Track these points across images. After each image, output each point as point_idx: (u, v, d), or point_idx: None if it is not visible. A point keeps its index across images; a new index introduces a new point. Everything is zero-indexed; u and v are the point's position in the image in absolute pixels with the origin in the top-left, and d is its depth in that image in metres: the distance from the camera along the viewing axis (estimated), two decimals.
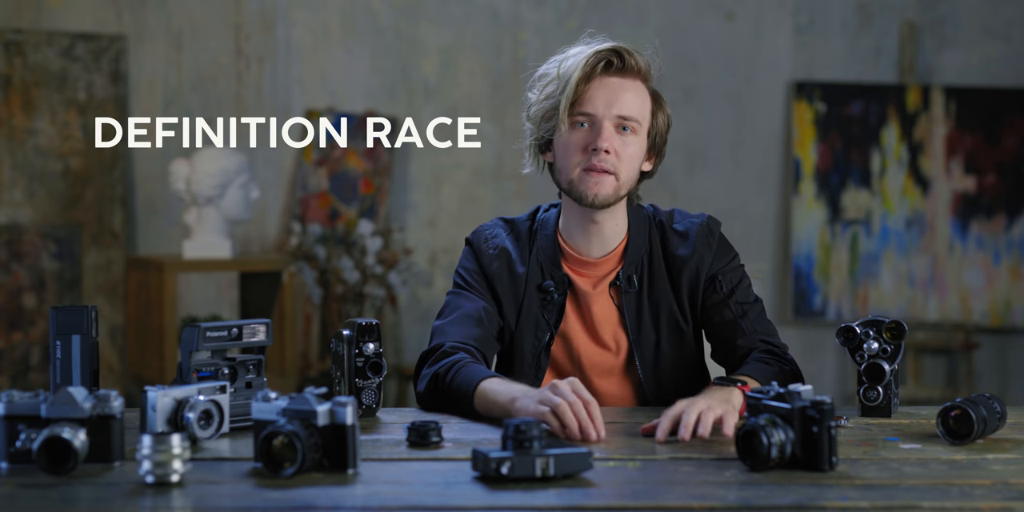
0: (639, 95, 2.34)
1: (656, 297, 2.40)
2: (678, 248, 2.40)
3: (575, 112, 2.32)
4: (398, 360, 5.49)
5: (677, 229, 2.42)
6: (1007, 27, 5.82)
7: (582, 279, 2.40)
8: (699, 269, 2.39)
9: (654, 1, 5.71)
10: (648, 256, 2.41)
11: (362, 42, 5.64)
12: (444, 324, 2.35)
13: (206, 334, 2.07)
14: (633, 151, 2.34)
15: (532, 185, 5.63)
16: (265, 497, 1.64)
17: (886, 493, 1.65)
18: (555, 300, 2.39)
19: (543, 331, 2.39)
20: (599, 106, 2.31)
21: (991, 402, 2.01)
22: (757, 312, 2.41)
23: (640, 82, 2.35)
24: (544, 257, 2.41)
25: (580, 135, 2.33)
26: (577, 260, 2.41)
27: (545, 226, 2.44)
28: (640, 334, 2.38)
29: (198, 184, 4.77)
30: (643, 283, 2.40)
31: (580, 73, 2.30)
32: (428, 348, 2.31)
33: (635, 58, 2.33)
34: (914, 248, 5.78)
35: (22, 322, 5.24)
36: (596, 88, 2.32)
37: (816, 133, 5.77)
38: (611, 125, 2.31)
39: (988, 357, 5.83)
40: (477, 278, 2.41)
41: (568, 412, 1.94)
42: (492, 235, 2.45)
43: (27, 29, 5.31)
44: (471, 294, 2.39)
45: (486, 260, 2.42)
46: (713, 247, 2.40)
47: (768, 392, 1.82)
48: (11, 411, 1.79)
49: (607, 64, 2.32)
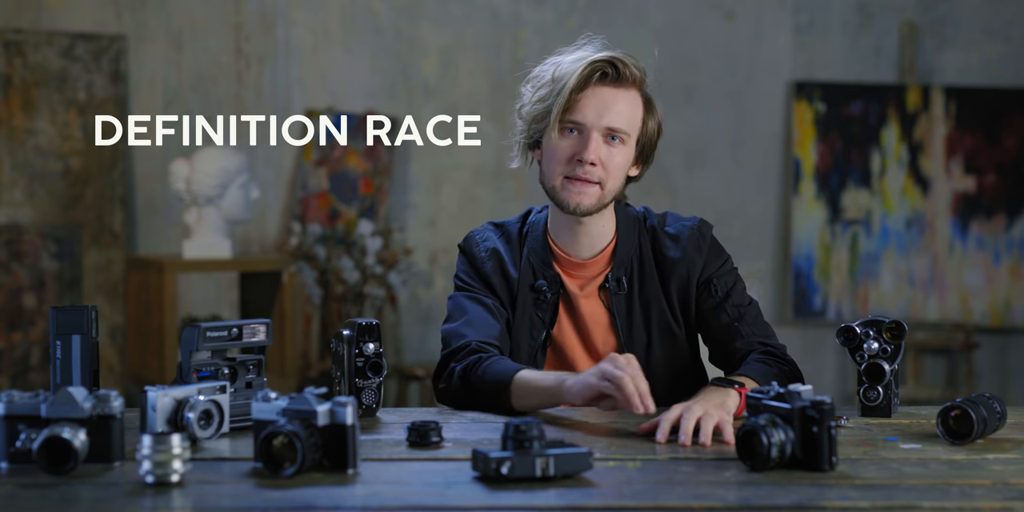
0: (630, 105, 2.34)
1: (647, 299, 2.40)
2: (669, 250, 2.40)
3: (565, 119, 2.33)
4: (398, 360, 5.49)
5: (669, 232, 2.42)
6: (1007, 27, 5.82)
7: (572, 280, 2.41)
8: (689, 272, 2.39)
9: (654, 1, 5.71)
10: (638, 258, 2.41)
11: (362, 42, 5.64)
12: (459, 326, 2.35)
13: (206, 334, 2.07)
14: (619, 161, 2.34)
15: (532, 185, 5.60)
16: (265, 497, 1.64)
17: (886, 493, 1.65)
18: (548, 299, 2.40)
19: (538, 330, 2.39)
20: (589, 116, 2.31)
21: (991, 402, 2.01)
22: (754, 314, 2.41)
23: (634, 90, 2.36)
24: (535, 258, 2.42)
25: (568, 143, 2.33)
26: (567, 261, 2.41)
27: (535, 228, 2.45)
28: (631, 336, 2.38)
29: (198, 184, 4.77)
30: (633, 285, 2.40)
31: (574, 82, 2.30)
32: (452, 348, 2.31)
33: (630, 68, 2.33)
34: (914, 248, 5.78)
35: (22, 322, 5.24)
36: (588, 98, 2.32)
37: (816, 133, 5.77)
38: (599, 135, 2.32)
39: (988, 357, 5.83)
40: (476, 280, 2.42)
41: (630, 385, 1.98)
42: (483, 239, 2.46)
43: (27, 29, 5.31)
44: (476, 294, 2.40)
45: (479, 262, 2.43)
46: (704, 250, 2.40)
47: (768, 392, 1.82)
48: (11, 411, 1.79)
49: (602, 75, 2.32)
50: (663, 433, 1.97)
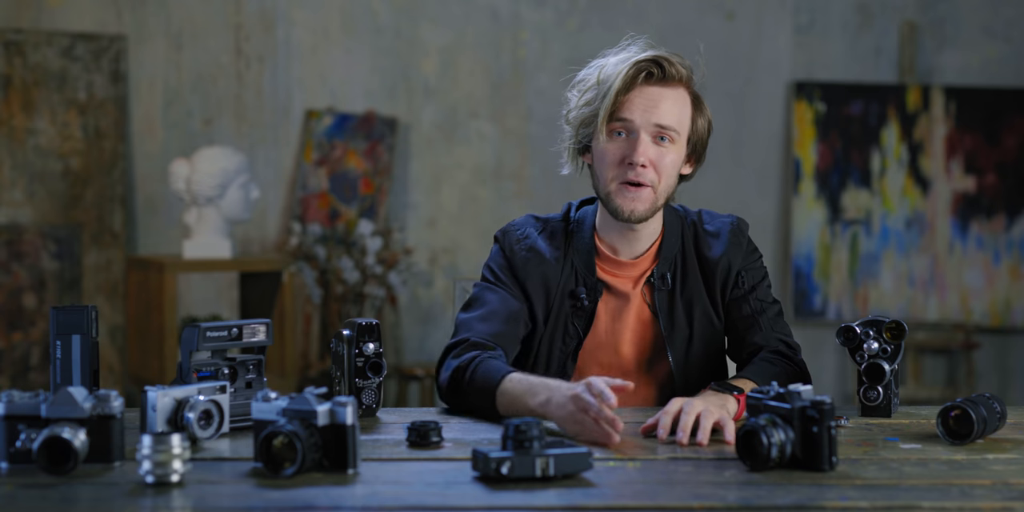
0: (678, 103, 2.33)
1: (689, 295, 2.39)
2: (711, 247, 2.41)
3: (613, 121, 2.30)
4: (398, 360, 5.49)
5: (708, 229, 2.43)
6: (1007, 27, 5.82)
7: (616, 279, 2.39)
8: (731, 267, 2.40)
9: (654, 1, 5.71)
10: (681, 255, 2.41)
11: (362, 42, 5.64)
12: (471, 319, 2.33)
13: (206, 334, 2.07)
14: (671, 159, 2.32)
15: (532, 185, 5.63)
16: (265, 497, 1.64)
17: (886, 493, 1.65)
18: (585, 307, 2.37)
19: (571, 338, 2.37)
20: (637, 116, 2.29)
21: (991, 402, 2.01)
22: (775, 312, 2.43)
23: (682, 89, 2.35)
24: (579, 261, 2.39)
25: (617, 145, 2.31)
26: (612, 261, 2.40)
27: (582, 227, 2.42)
28: (673, 330, 2.37)
29: (198, 184, 4.77)
30: (676, 281, 2.39)
31: (620, 84, 2.28)
32: (453, 341, 2.29)
33: (676, 67, 2.32)
34: (914, 248, 5.78)
35: (22, 322, 5.24)
36: (635, 98, 2.30)
37: (816, 133, 5.77)
38: (648, 135, 2.30)
39: (988, 357, 5.83)
40: (508, 277, 2.38)
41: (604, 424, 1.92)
42: (523, 235, 2.42)
43: (27, 29, 5.31)
44: (502, 290, 2.36)
45: (519, 262, 2.38)
46: (743, 246, 2.42)
47: (768, 392, 1.82)
48: (11, 411, 1.79)
49: (647, 74, 2.30)
50: (664, 428, 1.96)
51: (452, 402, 2.25)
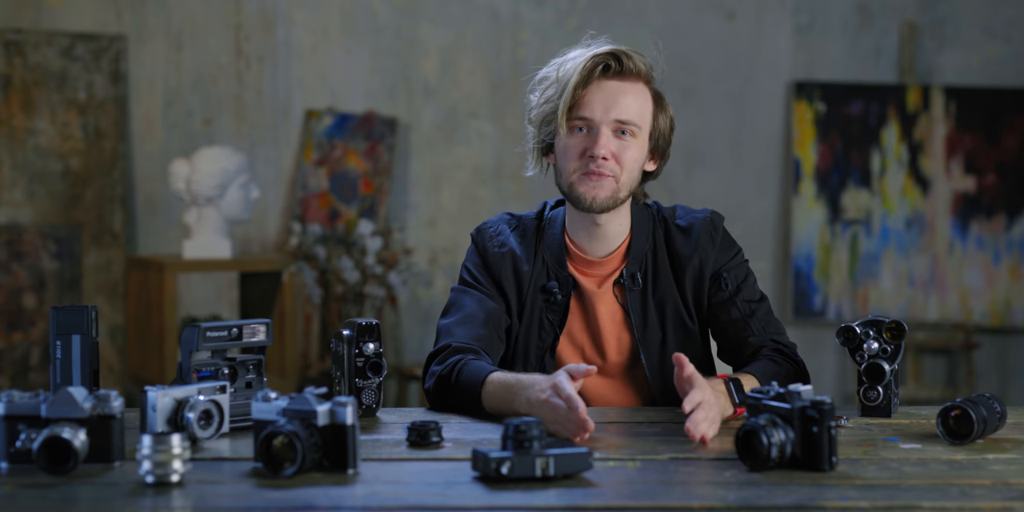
0: (638, 98, 2.32)
1: (661, 295, 2.38)
2: (681, 244, 2.39)
3: (573, 117, 2.30)
4: (398, 360, 5.49)
5: (680, 224, 2.41)
6: (1007, 27, 5.82)
7: (587, 279, 2.39)
8: (702, 265, 2.37)
9: (654, 1, 5.71)
10: (652, 253, 2.39)
11: (362, 42, 5.64)
12: (450, 324, 2.34)
13: (206, 334, 2.07)
14: (632, 154, 2.32)
15: (532, 185, 5.63)
16: (265, 497, 1.64)
17: (886, 493, 1.65)
18: (559, 301, 2.38)
19: (547, 333, 2.37)
20: (596, 111, 2.29)
21: (991, 402, 2.01)
22: (765, 310, 2.39)
23: (641, 84, 2.33)
24: (550, 257, 2.40)
25: (578, 140, 2.31)
26: (582, 260, 2.40)
27: (552, 224, 2.43)
28: (645, 332, 2.36)
29: (198, 184, 4.77)
30: (647, 281, 2.38)
31: (577, 77, 2.28)
32: (435, 348, 2.30)
33: (634, 61, 2.31)
34: (914, 248, 5.78)
35: (22, 322, 5.24)
36: (594, 92, 2.30)
37: (816, 133, 5.77)
38: (609, 130, 2.29)
39: (988, 357, 5.83)
40: (484, 275, 2.40)
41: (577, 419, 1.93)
42: (496, 233, 2.44)
43: (27, 29, 5.31)
44: (477, 292, 2.38)
45: (492, 259, 2.41)
46: (717, 242, 2.39)
47: (768, 392, 1.82)
48: (11, 411, 1.79)
49: (605, 68, 2.30)
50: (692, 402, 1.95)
51: (440, 408, 2.26)
